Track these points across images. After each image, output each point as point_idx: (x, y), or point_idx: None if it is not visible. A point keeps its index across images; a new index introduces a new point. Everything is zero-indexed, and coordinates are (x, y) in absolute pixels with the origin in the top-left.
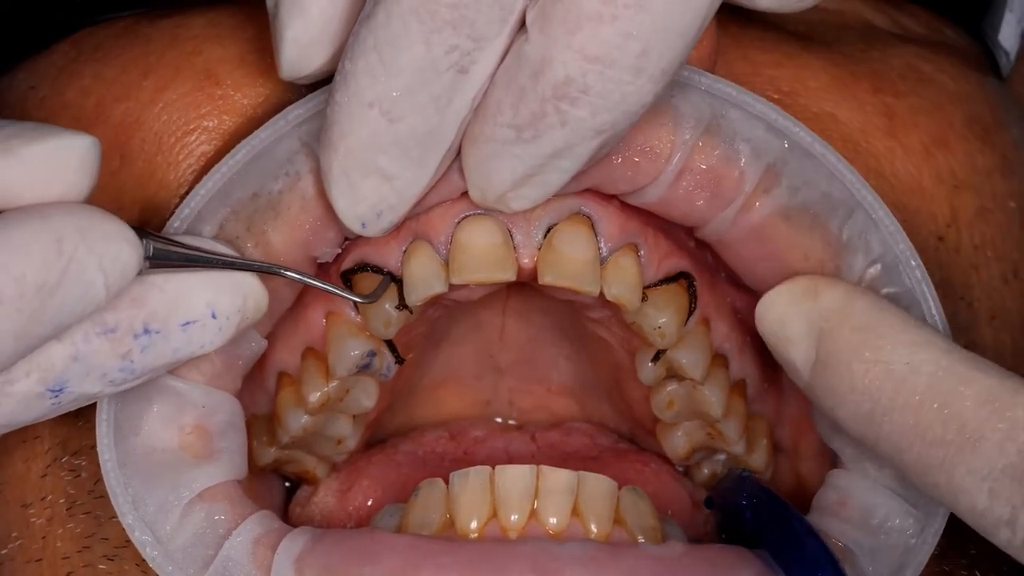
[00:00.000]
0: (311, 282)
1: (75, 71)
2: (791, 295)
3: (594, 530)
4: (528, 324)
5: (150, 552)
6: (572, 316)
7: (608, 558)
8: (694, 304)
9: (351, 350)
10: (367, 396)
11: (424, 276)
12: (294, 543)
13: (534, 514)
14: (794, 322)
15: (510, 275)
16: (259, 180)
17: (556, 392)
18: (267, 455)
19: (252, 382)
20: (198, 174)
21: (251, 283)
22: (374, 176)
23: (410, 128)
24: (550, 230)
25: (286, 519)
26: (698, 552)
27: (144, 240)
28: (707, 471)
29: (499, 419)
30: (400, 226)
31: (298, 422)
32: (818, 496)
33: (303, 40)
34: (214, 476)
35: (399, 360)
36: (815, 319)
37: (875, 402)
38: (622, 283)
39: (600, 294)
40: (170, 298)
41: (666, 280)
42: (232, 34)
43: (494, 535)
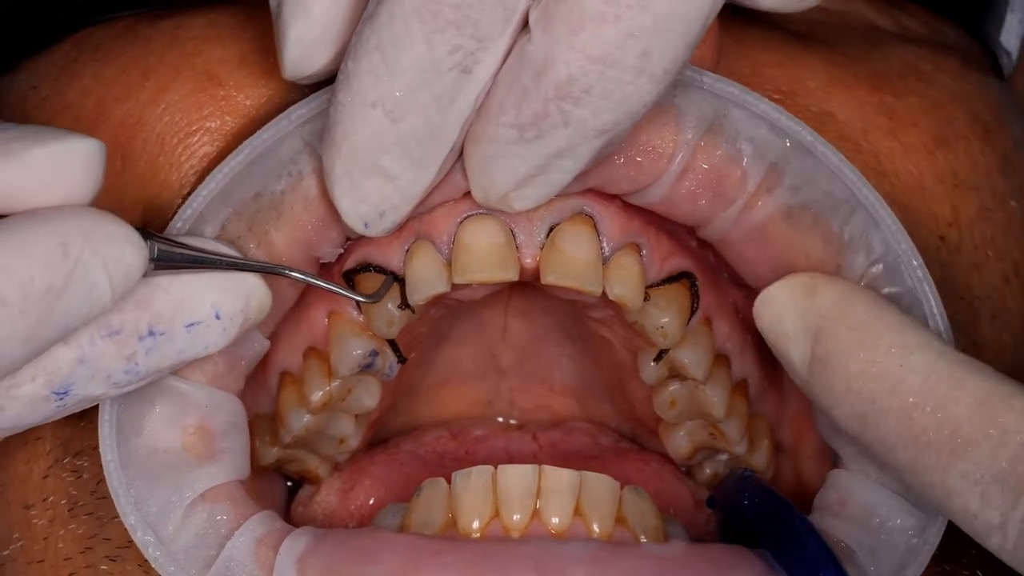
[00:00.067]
0: (314, 282)
1: (75, 71)
2: (789, 291)
3: (596, 530)
4: (530, 324)
5: (152, 553)
6: (574, 316)
7: (610, 557)
8: (696, 304)
9: (353, 350)
10: (369, 396)
11: (426, 276)
12: (296, 543)
13: (536, 514)
14: (792, 319)
15: (512, 275)
16: (261, 180)
17: (558, 392)
18: (269, 455)
19: (254, 382)
20: (200, 175)
21: (254, 283)
22: (377, 176)
23: (413, 128)
24: (552, 230)
25: (288, 519)
26: (700, 552)
27: (148, 242)
28: (709, 471)
29: (501, 419)
30: (402, 226)
31: (300, 422)
32: (819, 496)
33: (306, 40)
34: (216, 476)
35: (401, 360)
36: (813, 316)
37: (870, 403)
38: (624, 283)
39: (602, 294)
40: (175, 299)
41: (668, 280)
42: (232, 34)
43: (496, 535)
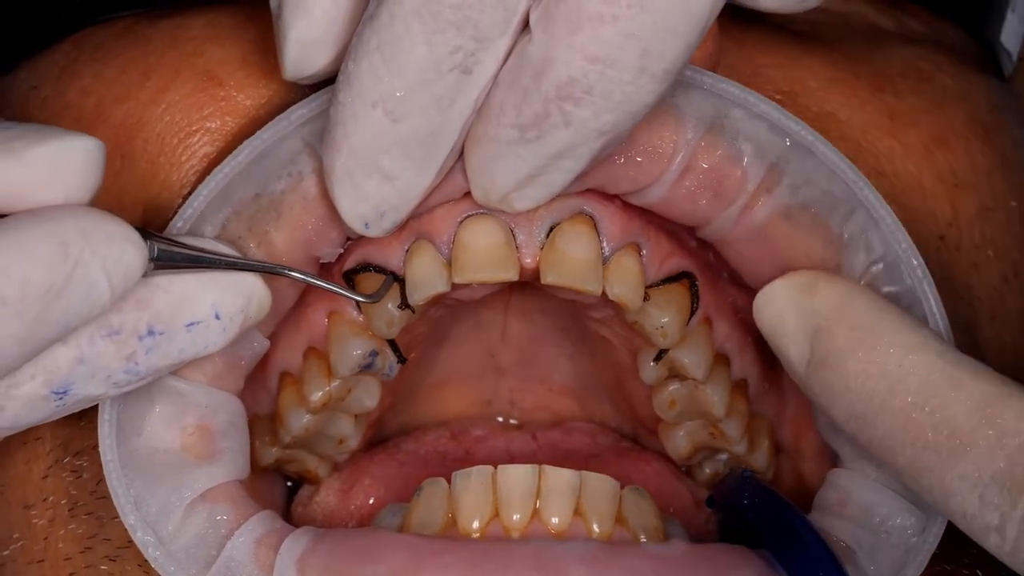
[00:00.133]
0: (314, 282)
1: (76, 71)
2: (789, 289)
3: (596, 529)
4: (530, 324)
5: (152, 553)
6: (574, 316)
7: (610, 557)
8: (696, 304)
9: (353, 350)
10: (369, 396)
11: (426, 276)
12: (296, 543)
13: (536, 514)
14: (791, 317)
15: (512, 275)
16: (261, 180)
17: (557, 392)
18: (269, 455)
19: (254, 382)
20: (201, 175)
21: (254, 283)
22: (377, 176)
23: (413, 128)
24: (552, 230)
25: (288, 519)
26: (700, 551)
27: (148, 241)
28: (709, 471)
29: (500, 419)
30: (403, 226)
31: (300, 422)
32: (819, 495)
33: (306, 40)
34: (216, 476)
35: (401, 360)
36: (812, 315)
37: (868, 403)
38: (624, 283)
39: (602, 294)
40: (174, 299)
41: (668, 280)
42: (232, 35)
43: (496, 535)
